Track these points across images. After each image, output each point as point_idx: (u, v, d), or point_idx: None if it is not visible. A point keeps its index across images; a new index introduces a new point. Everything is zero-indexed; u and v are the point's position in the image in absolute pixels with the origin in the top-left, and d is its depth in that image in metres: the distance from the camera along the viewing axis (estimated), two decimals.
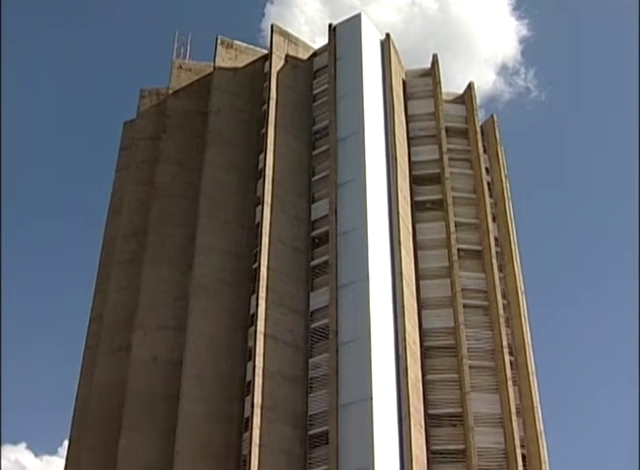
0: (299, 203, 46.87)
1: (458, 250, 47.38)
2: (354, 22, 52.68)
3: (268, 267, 42.91)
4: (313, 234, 46.25)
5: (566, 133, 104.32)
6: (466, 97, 54.31)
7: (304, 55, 53.02)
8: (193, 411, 40.16)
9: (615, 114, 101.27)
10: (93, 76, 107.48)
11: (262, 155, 47.26)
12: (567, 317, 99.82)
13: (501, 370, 44.07)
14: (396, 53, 53.67)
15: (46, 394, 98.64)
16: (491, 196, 50.80)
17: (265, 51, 52.83)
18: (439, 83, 53.37)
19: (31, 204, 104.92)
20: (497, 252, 48.28)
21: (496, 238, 49.15)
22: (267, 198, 44.89)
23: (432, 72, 54.18)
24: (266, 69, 51.63)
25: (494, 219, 50.05)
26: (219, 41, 52.05)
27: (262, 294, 41.97)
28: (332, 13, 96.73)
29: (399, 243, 44.35)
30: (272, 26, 52.03)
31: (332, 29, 52.71)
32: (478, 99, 54.29)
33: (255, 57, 53.10)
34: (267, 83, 50.08)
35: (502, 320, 45.40)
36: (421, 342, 44.22)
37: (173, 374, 41.42)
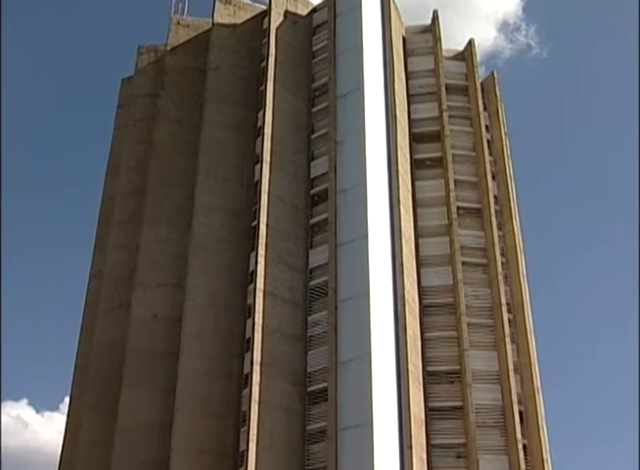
0: (299, 160, 46.71)
1: (457, 208, 47.34)
2: None
3: (267, 225, 42.90)
4: (312, 192, 46.17)
5: (566, 91, 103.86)
6: (466, 54, 53.89)
7: (304, 11, 52.49)
8: (193, 368, 40.40)
9: (616, 71, 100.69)
10: (90, 33, 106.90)
11: (261, 112, 47.01)
12: (565, 275, 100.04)
13: (499, 328, 44.27)
14: (396, 9, 53.14)
15: (47, 351, 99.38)
16: (491, 154, 50.62)
17: (264, 7, 52.30)
18: (439, 40, 52.92)
19: (30, 162, 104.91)
20: (496, 210, 48.24)
21: (495, 196, 49.09)
22: (266, 156, 44.73)
23: (432, 29, 53.70)
24: (265, 25, 51.12)
25: (494, 177, 49.93)
26: None
27: (261, 251, 42.00)
28: None
29: (398, 201, 44.27)
30: None
31: None
32: (478, 56, 53.88)
33: (254, 13, 52.59)
34: (266, 40, 49.60)
35: (501, 278, 45.51)
36: (420, 299, 44.36)
37: (173, 332, 41.63)
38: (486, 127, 51.67)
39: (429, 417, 41.56)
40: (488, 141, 50.86)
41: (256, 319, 40.23)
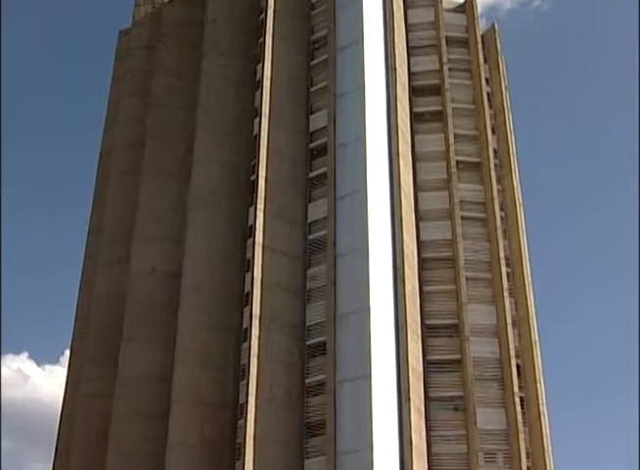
0: (298, 114, 46.44)
1: (457, 162, 47.23)
2: None
3: (266, 179, 42.78)
4: (311, 145, 45.95)
5: (567, 44, 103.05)
6: (467, 6, 53.28)
7: None
8: (192, 322, 40.60)
9: (616, 23, 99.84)
10: None
11: (260, 65, 46.64)
12: (564, 230, 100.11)
13: (498, 281, 44.43)
14: None
15: (47, 304, 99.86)
16: (491, 107, 50.33)
17: None
18: None
19: (28, 117, 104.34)
20: (496, 164, 48.12)
21: (495, 150, 48.94)
22: (265, 109, 44.44)
23: None
24: None
25: (493, 131, 49.71)
26: None
27: (260, 205, 41.95)
28: None
29: (398, 154, 44.10)
30: None
31: None
32: (479, 8, 53.32)
33: None
34: None
35: (500, 232, 45.58)
36: (418, 253, 44.43)
37: (172, 285, 41.75)
38: (487, 80, 51.28)
39: (427, 370, 41.85)
40: (488, 94, 50.53)
41: (255, 273, 40.31)
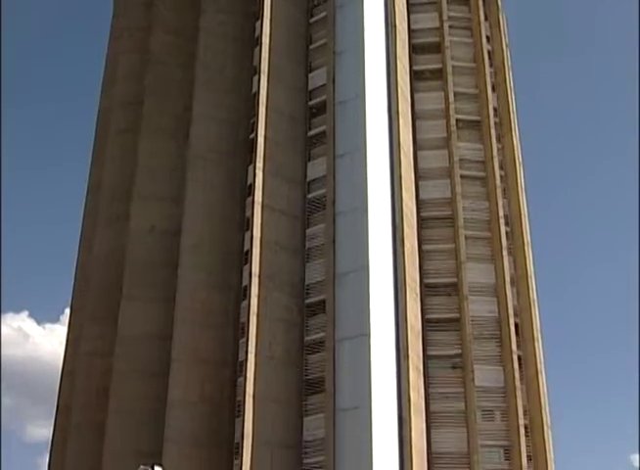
0: (297, 72, 46.13)
1: (456, 120, 47.05)
2: None
3: (265, 137, 42.61)
4: (311, 103, 45.71)
5: (569, 2, 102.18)
6: None
7: None
8: (192, 280, 40.71)
9: None
10: None
11: (259, 22, 46.21)
12: (564, 188, 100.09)
13: (497, 240, 44.46)
14: None
15: (47, 263, 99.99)
16: (491, 65, 49.95)
17: None
18: None
19: (27, 76, 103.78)
20: (496, 122, 47.90)
21: (495, 108, 48.65)
22: (264, 66, 44.12)
23: None
24: None
25: (494, 89, 49.37)
26: None
27: (259, 164, 41.83)
28: None
29: (397, 113, 43.88)
30: None
31: None
32: None
33: None
34: None
35: (499, 191, 45.51)
36: (418, 212, 44.42)
37: (172, 244, 41.78)
38: (487, 38, 50.79)
39: (425, 329, 42.04)
40: (489, 52, 50.12)
41: (255, 232, 40.32)
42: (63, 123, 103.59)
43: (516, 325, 43.10)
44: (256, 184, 41.35)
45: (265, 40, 44.74)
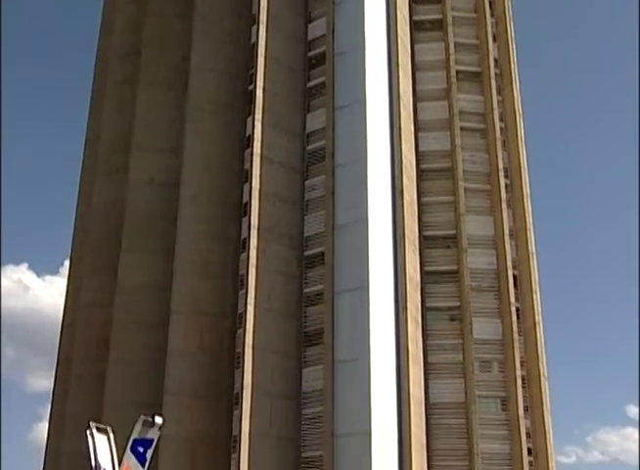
0: (296, 22, 45.61)
1: (457, 71, 46.72)
2: None
3: (264, 89, 42.31)
4: (310, 54, 45.27)
5: None
6: None
7: None
8: (191, 231, 40.68)
9: None
10: None
11: None
12: (564, 142, 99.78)
13: (496, 192, 44.44)
14: None
15: (46, 215, 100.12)
16: (492, 15, 49.44)
17: None
18: None
19: (24, 27, 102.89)
20: (496, 73, 47.57)
21: (496, 59, 48.27)
22: (262, 16, 43.63)
23: None
24: None
25: (494, 40, 48.92)
26: None
27: (258, 115, 41.60)
28: None
29: (397, 64, 43.51)
30: None
31: None
32: None
33: None
34: None
35: (499, 143, 45.37)
36: (417, 164, 44.31)
37: (171, 195, 41.66)
38: None
39: (424, 281, 42.16)
40: (490, 2, 49.57)
41: (253, 184, 40.24)
42: (60, 73, 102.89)
43: (514, 277, 43.25)
44: (255, 136, 41.16)
45: None
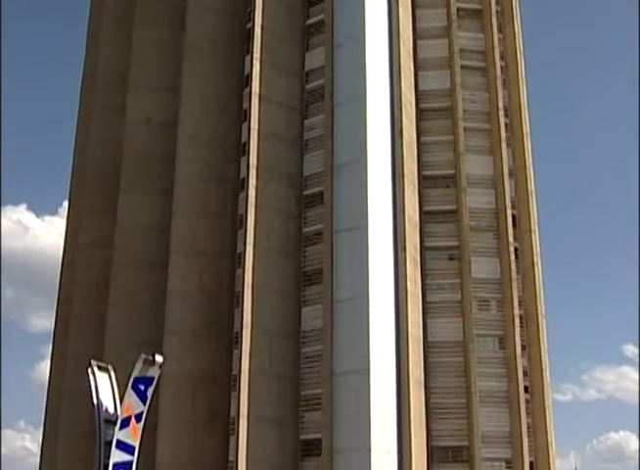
0: None
1: (457, 9, 46.15)
2: None
3: (262, 27, 41.82)
4: None
5: None
6: None
7: None
8: (189, 172, 40.56)
9: None
10: None
11: None
12: (565, 81, 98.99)
13: (496, 132, 44.19)
14: None
15: (44, 156, 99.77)
16: None
17: None
18: None
19: None
20: (497, 11, 47.02)
21: None
22: None
23: None
24: None
25: None
26: None
27: (256, 55, 41.19)
28: None
29: (397, 1, 42.97)
30: None
31: None
32: None
33: None
34: None
35: (499, 82, 44.97)
36: (417, 103, 43.99)
37: (168, 135, 41.40)
38: None
39: (423, 221, 42.17)
40: None
41: (252, 123, 40.01)
42: (56, 13, 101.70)
43: (513, 217, 43.24)
44: (253, 75, 40.81)
45: None
